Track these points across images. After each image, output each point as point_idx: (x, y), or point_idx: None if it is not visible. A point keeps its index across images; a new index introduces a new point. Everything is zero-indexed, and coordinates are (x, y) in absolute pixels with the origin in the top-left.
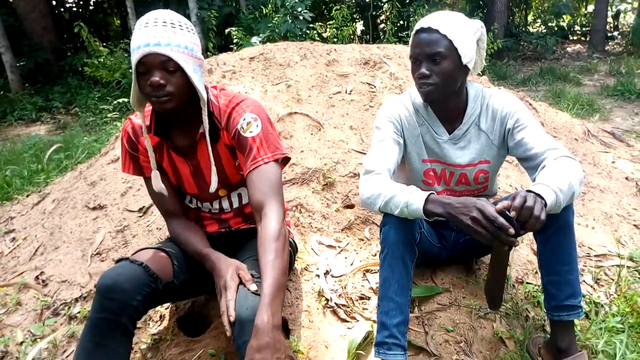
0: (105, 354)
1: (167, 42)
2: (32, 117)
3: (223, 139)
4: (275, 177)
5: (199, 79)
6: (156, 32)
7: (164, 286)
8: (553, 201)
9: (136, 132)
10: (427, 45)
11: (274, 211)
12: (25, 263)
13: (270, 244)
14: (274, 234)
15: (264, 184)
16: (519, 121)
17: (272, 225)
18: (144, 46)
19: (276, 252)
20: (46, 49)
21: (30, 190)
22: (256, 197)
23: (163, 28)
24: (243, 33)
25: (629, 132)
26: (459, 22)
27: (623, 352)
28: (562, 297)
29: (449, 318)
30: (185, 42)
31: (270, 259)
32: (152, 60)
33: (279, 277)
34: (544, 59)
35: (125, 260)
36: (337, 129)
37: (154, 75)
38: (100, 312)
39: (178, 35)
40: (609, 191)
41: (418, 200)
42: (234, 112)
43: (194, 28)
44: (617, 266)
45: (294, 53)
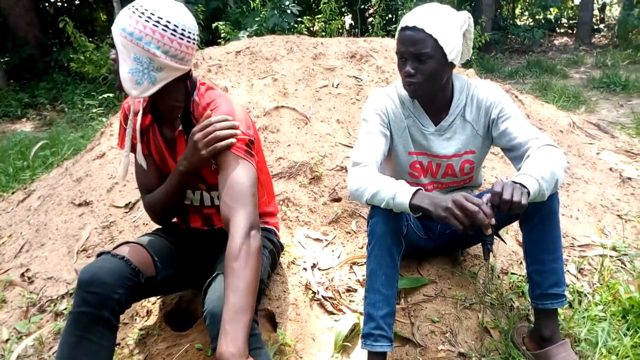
0: (88, 348)
1: (117, 23)
2: (17, 113)
3: None
4: (243, 181)
5: (138, 71)
6: (132, 18)
7: (146, 280)
8: (536, 190)
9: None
10: (412, 44)
11: (236, 225)
12: (11, 260)
13: (229, 263)
14: (234, 253)
15: (227, 194)
16: (503, 111)
17: (233, 242)
18: (116, 26)
19: (236, 272)
20: (31, 44)
21: (15, 187)
22: (222, 211)
23: (124, 11)
24: (231, 27)
25: (614, 124)
26: (444, 18)
27: (605, 340)
28: (546, 286)
29: (434, 309)
30: (131, 28)
31: (229, 281)
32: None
33: (239, 299)
34: (531, 51)
35: (106, 254)
36: (323, 122)
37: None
38: (81, 306)
39: (130, 20)
40: (593, 182)
41: (405, 194)
42: (209, 108)
43: (174, 24)
44: (600, 256)
45: (281, 47)
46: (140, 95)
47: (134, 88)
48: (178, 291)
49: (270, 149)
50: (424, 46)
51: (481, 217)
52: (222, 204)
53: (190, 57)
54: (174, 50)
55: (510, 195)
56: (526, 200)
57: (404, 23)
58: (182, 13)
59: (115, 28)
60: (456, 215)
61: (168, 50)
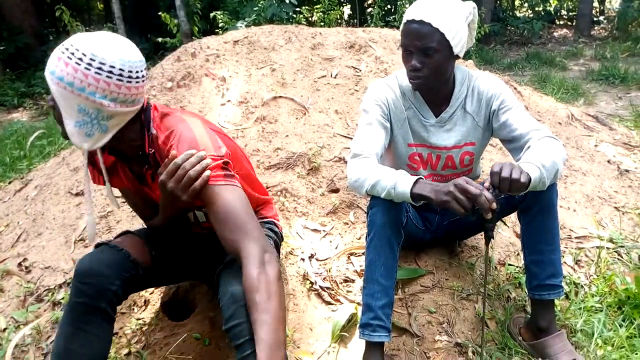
0: (84, 339)
1: (50, 69)
2: (13, 103)
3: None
4: (235, 208)
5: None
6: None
7: (144, 271)
8: (537, 177)
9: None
10: (418, 38)
11: (247, 256)
12: (8, 250)
13: (251, 297)
14: (253, 285)
15: (223, 220)
16: (504, 103)
17: (249, 274)
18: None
19: (260, 306)
20: (27, 33)
21: (12, 176)
22: (224, 239)
23: (56, 54)
24: (229, 17)
25: (612, 116)
26: (451, 11)
27: (601, 331)
28: (543, 277)
29: (432, 300)
30: (70, 77)
31: (255, 316)
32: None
33: (271, 334)
34: (531, 43)
35: (105, 245)
36: (322, 113)
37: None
38: (78, 297)
39: (67, 67)
40: (591, 174)
41: (406, 183)
42: (168, 154)
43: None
44: (597, 247)
45: (279, 36)
46: (93, 147)
47: (85, 141)
48: (177, 282)
49: (268, 139)
50: (430, 40)
51: (483, 200)
52: (223, 239)
53: (141, 95)
54: (123, 95)
55: (509, 173)
56: (526, 179)
57: (409, 16)
58: (124, 51)
59: (50, 76)
60: (458, 199)
61: (116, 97)
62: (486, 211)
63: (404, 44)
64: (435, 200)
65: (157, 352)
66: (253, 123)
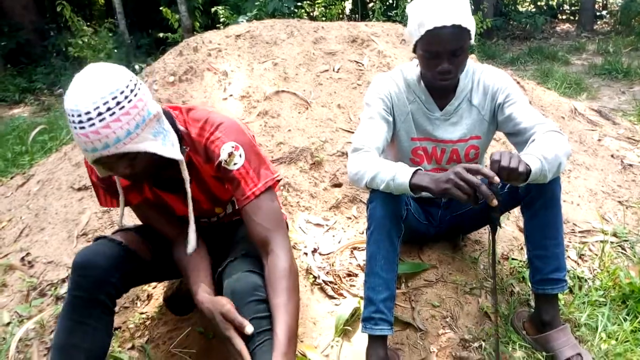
0: (84, 332)
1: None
2: (15, 98)
3: (206, 170)
4: (272, 207)
5: (163, 142)
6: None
7: (144, 265)
8: (538, 168)
9: None
10: (451, 42)
11: (280, 247)
12: (11, 245)
13: (280, 283)
14: (284, 273)
15: (262, 218)
16: (509, 96)
17: (281, 263)
18: (91, 151)
19: (288, 293)
20: (27, 28)
21: (14, 172)
22: (257, 232)
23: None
24: (230, 12)
25: (615, 111)
26: (467, 4)
27: (605, 325)
28: (547, 271)
29: (435, 294)
30: (125, 129)
31: (282, 301)
32: (108, 161)
33: (292, 322)
34: (533, 38)
35: (103, 239)
36: (324, 107)
37: (119, 173)
38: (76, 290)
39: (113, 127)
40: (595, 168)
41: (404, 174)
42: (210, 144)
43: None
44: (601, 242)
45: (281, 31)
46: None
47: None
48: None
49: (271, 133)
50: (461, 41)
51: (484, 189)
52: (254, 225)
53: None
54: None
55: (508, 162)
56: (524, 169)
57: (439, 22)
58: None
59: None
60: (459, 185)
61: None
62: (490, 198)
63: (432, 49)
64: (435, 190)
65: (161, 346)
66: (255, 117)
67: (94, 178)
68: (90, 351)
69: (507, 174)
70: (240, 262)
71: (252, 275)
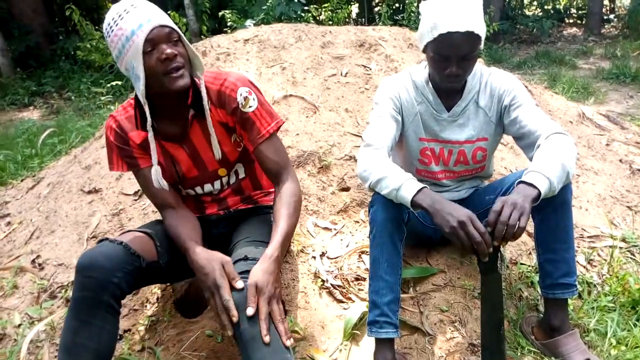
0: (90, 332)
1: (160, 15)
2: (24, 101)
3: (215, 116)
4: (282, 145)
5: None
6: (147, 9)
7: (148, 265)
8: (547, 189)
9: (123, 128)
10: (462, 47)
11: (291, 175)
12: (21, 247)
13: (288, 198)
14: (292, 191)
15: (275, 154)
16: (516, 99)
17: (290, 187)
18: (146, 22)
19: (292, 207)
20: (37, 32)
21: (24, 174)
22: (272, 166)
23: (149, 5)
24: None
25: (623, 115)
26: (480, 10)
27: (614, 330)
28: (557, 275)
29: (443, 298)
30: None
31: (285, 212)
32: (159, 34)
33: (290, 228)
34: (540, 42)
35: (106, 240)
36: (332, 111)
37: (165, 48)
38: (81, 291)
39: (158, 8)
40: (603, 173)
41: (410, 188)
42: (225, 89)
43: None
44: (609, 247)
45: (289, 35)
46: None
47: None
48: (186, 278)
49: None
50: (473, 47)
51: (482, 249)
52: (268, 161)
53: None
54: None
55: (508, 217)
56: (525, 222)
57: (452, 27)
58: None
59: (165, 18)
60: (460, 237)
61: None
62: (483, 255)
63: (443, 53)
64: (434, 220)
65: (170, 348)
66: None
67: (112, 138)
68: (97, 351)
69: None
70: (241, 265)
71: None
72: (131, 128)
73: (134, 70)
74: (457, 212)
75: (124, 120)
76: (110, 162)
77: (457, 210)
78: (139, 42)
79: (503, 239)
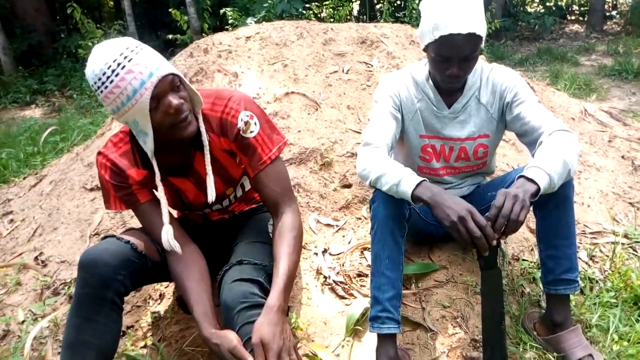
0: (93, 329)
1: (161, 63)
2: (26, 100)
3: (218, 145)
4: (284, 172)
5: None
6: (146, 60)
7: (153, 265)
8: (546, 185)
9: (118, 165)
10: (464, 49)
11: (290, 206)
12: (24, 244)
13: (287, 234)
14: (291, 226)
15: (275, 183)
16: (518, 95)
17: (289, 220)
18: (148, 79)
19: (293, 244)
20: (39, 30)
21: (26, 172)
22: (270, 196)
23: (146, 54)
24: (239, 13)
25: (625, 112)
26: (481, 10)
27: (616, 326)
28: (559, 271)
29: (445, 294)
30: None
31: (286, 251)
32: (163, 87)
33: (292, 269)
34: (542, 39)
35: (110, 237)
36: (334, 108)
37: (172, 100)
38: (84, 288)
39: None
40: (605, 170)
41: (409, 182)
42: (227, 116)
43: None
44: (611, 243)
45: (291, 32)
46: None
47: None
48: None
49: None
50: (475, 48)
51: (482, 244)
52: (268, 190)
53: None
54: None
55: (509, 211)
56: (524, 217)
57: (454, 29)
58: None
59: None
60: (460, 232)
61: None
62: (483, 250)
63: (443, 54)
64: (434, 212)
65: (173, 344)
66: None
67: (107, 177)
68: (100, 347)
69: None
70: (234, 271)
71: (242, 284)
72: (128, 165)
73: (138, 127)
74: (457, 206)
75: (118, 157)
76: (106, 201)
77: (457, 203)
78: (145, 102)
79: (503, 233)
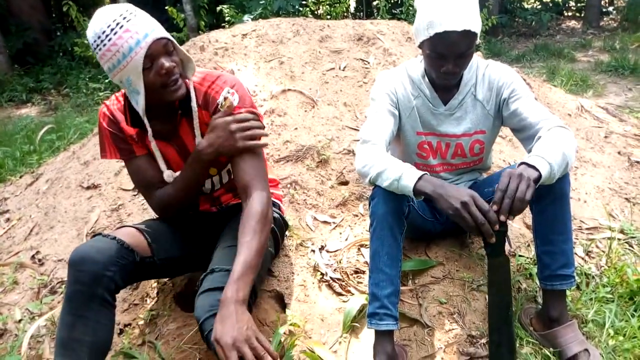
0: (85, 326)
1: (156, 27)
2: (22, 98)
3: (202, 118)
4: (261, 161)
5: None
6: (142, 22)
7: (142, 260)
8: (547, 173)
9: (116, 117)
10: (459, 46)
11: (258, 193)
12: (21, 243)
13: (249, 223)
14: (255, 215)
15: (249, 165)
16: (515, 91)
17: (254, 206)
18: (143, 39)
19: (254, 232)
20: (35, 28)
21: (23, 171)
22: (241, 178)
23: (142, 17)
24: (235, 11)
25: (622, 108)
26: (476, 6)
27: (612, 321)
28: (555, 267)
29: (442, 290)
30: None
31: (247, 239)
32: (157, 48)
33: (252, 257)
34: (539, 35)
35: (99, 235)
36: (331, 105)
37: (164, 62)
38: (74, 285)
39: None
40: (602, 165)
41: (410, 177)
42: (211, 91)
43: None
44: (608, 239)
45: (287, 29)
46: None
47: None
48: (186, 273)
49: (277, 132)
50: (469, 44)
51: (486, 229)
52: (240, 172)
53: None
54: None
55: (515, 190)
56: (531, 195)
57: (449, 26)
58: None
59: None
60: (464, 219)
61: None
62: (489, 237)
63: (439, 50)
64: (438, 204)
65: (171, 342)
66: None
67: (105, 124)
68: (93, 344)
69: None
70: (206, 281)
71: (209, 294)
72: (123, 120)
73: (131, 85)
74: (459, 193)
75: (116, 110)
76: (102, 149)
77: (459, 191)
78: (139, 60)
79: (510, 213)
